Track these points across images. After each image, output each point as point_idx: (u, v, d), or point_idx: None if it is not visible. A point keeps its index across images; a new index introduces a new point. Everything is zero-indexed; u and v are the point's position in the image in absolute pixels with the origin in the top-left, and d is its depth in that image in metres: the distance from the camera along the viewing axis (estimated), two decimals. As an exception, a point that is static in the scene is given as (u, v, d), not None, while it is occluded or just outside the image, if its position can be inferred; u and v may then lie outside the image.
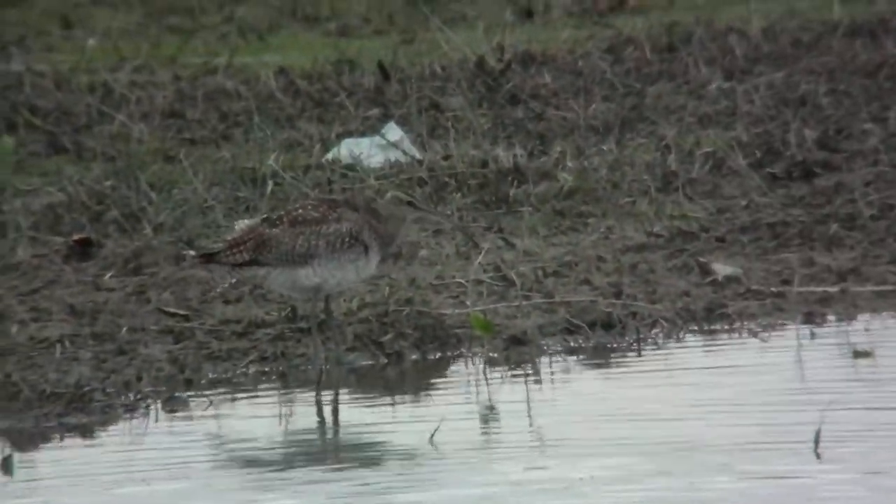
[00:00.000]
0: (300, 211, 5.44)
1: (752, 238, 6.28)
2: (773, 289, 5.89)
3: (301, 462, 4.82)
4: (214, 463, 4.85)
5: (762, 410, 4.92)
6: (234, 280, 5.44)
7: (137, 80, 8.07)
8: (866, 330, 5.62)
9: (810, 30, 8.19)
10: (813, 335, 5.63)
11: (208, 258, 5.48)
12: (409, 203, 5.42)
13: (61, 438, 5.13)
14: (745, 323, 5.74)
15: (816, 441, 4.55)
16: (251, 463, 4.84)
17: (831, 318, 5.76)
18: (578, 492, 4.35)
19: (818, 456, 4.52)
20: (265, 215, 5.66)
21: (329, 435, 5.13)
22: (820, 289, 5.89)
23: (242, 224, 5.99)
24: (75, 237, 6.43)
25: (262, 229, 5.44)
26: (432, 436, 4.88)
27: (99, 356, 5.64)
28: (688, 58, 7.80)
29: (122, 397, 5.39)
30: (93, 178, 6.95)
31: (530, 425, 5.02)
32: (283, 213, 5.48)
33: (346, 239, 5.38)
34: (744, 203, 6.55)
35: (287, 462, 4.84)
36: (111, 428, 5.20)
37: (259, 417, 5.25)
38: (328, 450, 4.97)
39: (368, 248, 5.40)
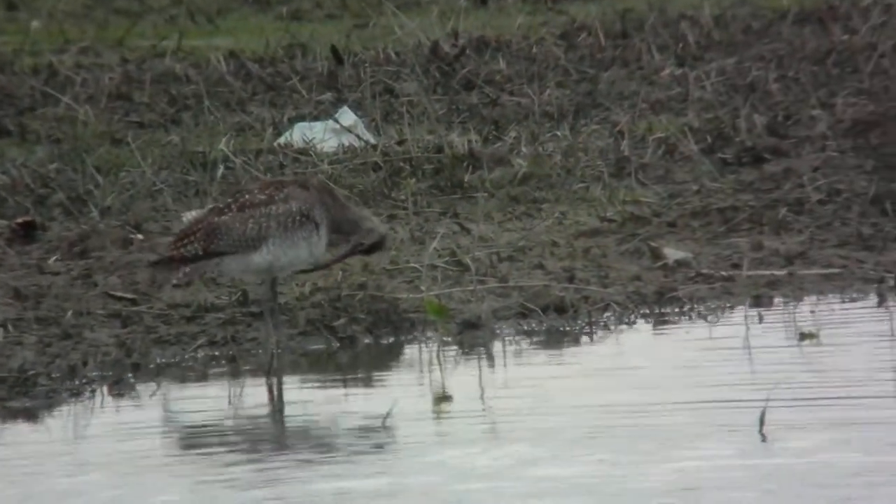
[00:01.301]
0: (247, 196, 5.39)
1: (702, 223, 6.30)
2: (722, 273, 5.91)
3: (248, 448, 4.78)
4: (158, 449, 4.79)
5: (710, 392, 4.94)
6: (187, 271, 5.38)
7: (83, 63, 7.97)
8: (812, 312, 5.66)
9: (761, 17, 8.24)
10: (761, 318, 5.66)
11: (160, 263, 5.41)
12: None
13: (4, 423, 5.05)
14: (695, 306, 5.76)
15: (761, 422, 4.56)
16: (197, 449, 4.79)
17: (779, 300, 5.80)
18: (527, 476, 4.34)
19: (763, 437, 4.54)
20: (211, 206, 5.59)
21: (278, 420, 5.09)
22: (768, 272, 5.92)
23: (190, 215, 5.93)
24: (19, 220, 6.34)
25: (211, 218, 5.39)
26: (384, 420, 4.85)
27: (43, 340, 5.56)
28: (641, 44, 7.81)
29: (68, 382, 5.32)
30: (37, 161, 6.86)
31: (483, 410, 5.01)
32: (230, 200, 5.43)
33: (297, 217, 5.34)
34: (695, 188, 6.57)
35: (233, 448, 4.79)
36: (56, 413, 5.13)
37: (208, 403, 5.20)
38: (277, 435, 4.93)
39: (319, 225, 5.36)
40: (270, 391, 5.29)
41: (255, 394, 5.28)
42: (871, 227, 6.23)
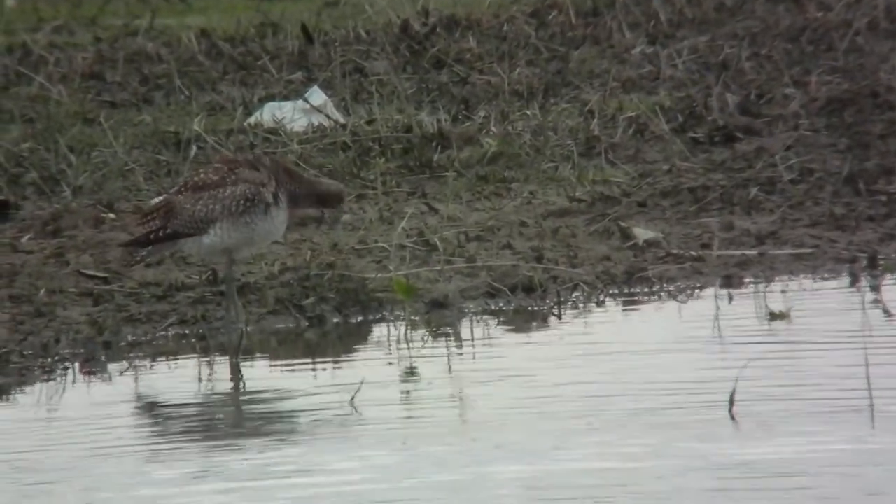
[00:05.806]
0: (202, 175, 5.40)
1: (672, 202, 6.32)
2: (692, 253, 5.93)
3: (215, 428, 4.80)
4: (125, 428, 4.81)
5: (680, 373, 4.96)
6: (144, 254, 5.43)
7: (57, 42, 7.95)
8: (783, 292, 5.68)
9: (734, -6, 8.25)
10: (731, 298, 5.69)
11: (130, 244, 5.46)
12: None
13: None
14: (665, 286, 5.79)
15: (731, 402, 4.60)
16: (164, 429, 4.81)
17: (749, 280, 5.82)
18: (492, 460, 4.35)
19: (733, 417, 4.57)
20: (178, 187, 5.62)
21: (246, 400, 5.10)
22: (739, 252, 5.94)
23: (157, 200, 5.97)
24: (-8, 199, 6.35)
25: (172, 196, 5.42)
26: (352, 399, 4.88)
27: (16, 318, 5.58)
28: (612, 22, 7.81)
29: (40, 360, 5.33)
30: (10, 140, 6.86)
31: (450, 390, 5.03)
32: (186, 178, 5.45)
33: (242, 201, 5.35)
34: (665, 168, 6.58)
35: (200, 428, 4.81)
36: (28, 390, 5.15)
37: (178, 381, 5.22)
38: (244, 416, 4.94)
39: (271, 205, 5.36)
40: (238, 370, 5.31)
41: (222, 373, 5.30)
42: (843, 207, 6.26)
